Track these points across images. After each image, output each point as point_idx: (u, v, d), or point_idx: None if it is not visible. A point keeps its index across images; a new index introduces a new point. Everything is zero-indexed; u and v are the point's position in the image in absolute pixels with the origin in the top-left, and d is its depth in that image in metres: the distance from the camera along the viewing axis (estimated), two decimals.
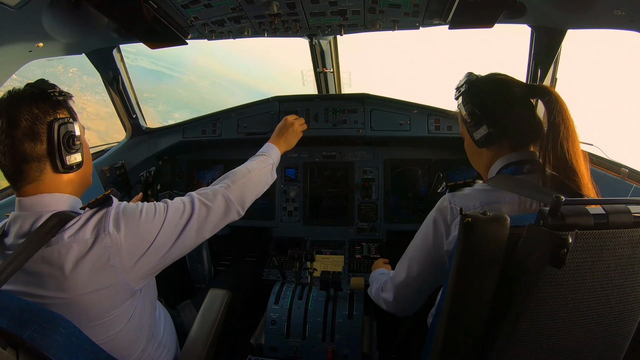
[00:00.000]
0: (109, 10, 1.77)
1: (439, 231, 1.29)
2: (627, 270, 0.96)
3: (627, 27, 1.61)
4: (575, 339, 1.01)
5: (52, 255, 1.19)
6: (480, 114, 1.33)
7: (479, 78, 1.42)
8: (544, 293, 0.92)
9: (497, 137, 1.32)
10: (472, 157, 1.50)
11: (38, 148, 1.24)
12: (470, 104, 1.36)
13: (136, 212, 1.33)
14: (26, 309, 1.05)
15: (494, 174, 1.34)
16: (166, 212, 1.40)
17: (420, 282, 1.43)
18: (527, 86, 1.37)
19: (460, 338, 1.02)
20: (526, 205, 1.22)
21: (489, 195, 1.23)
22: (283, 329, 1.95)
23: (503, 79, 1.38)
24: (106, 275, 1.24)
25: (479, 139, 1.35)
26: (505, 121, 1.32)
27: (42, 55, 1.93)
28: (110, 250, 1.24)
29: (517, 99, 1.32)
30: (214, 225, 1.55)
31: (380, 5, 1.87)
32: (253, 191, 1.76)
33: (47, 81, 1.34)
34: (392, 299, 1.55)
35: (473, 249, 0.92)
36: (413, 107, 2.65)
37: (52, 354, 1.00)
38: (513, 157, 1.32)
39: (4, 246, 1.25)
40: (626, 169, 2.01)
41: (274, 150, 2.01)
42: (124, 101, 2.71)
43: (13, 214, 1.29)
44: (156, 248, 1.34)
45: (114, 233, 1.25)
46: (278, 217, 2.92)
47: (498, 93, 1.34)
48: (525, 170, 1.28)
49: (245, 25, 2.09)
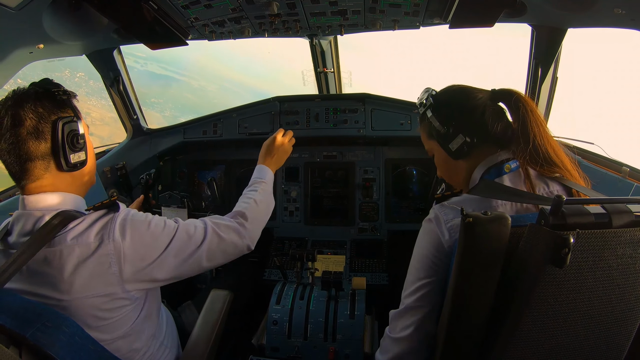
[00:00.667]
0: (110, 11, 1.78)
1: (434, 240, 1.22)
2: (628, 270, 0.96)
3: (627, 25, 1.61)
4: (576, 339, 1.00)
5: (54, 256, 1.19)
6: (454, 124, 1.32)
7: (440, 91, 1.41)
8: (545, 293, 0.92)
9: (475, 145, 1.31)
10: (447, 172, 1.46)
11: (42, 146, 1.24)
12: (440, 116, 1.35)
13: (144, 224, 1.32)
14: (29, 308, 1.05)
15: (476, 182, 1.32)
16: (175, 231, 1.38)
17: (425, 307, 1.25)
18: (490, 91, 1.36)
19: (461, 338, 1.02)
20: (518, 206, 1.20)
21: (480, 202, 1.21)
22: (284, 329, 1.96)
23: (465, 88, 1.38)
24: (104, 282, 1.23)
25: (456, 150, 1.33)
26: (478, 127, 1.31)
27: (42, 57, 1.93)
28: (112, 258, 1.23)
29: (484, 104, 1.32)
30: (220, 259, 1.51)
31: (381, 5, 1.87)
32: (262, 224, 1.72)
33: (52, 80, 1.35)
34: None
35: (474, 249, 0.92)
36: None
37: (55, 353, 1.00)
38: (491, 160, 1.30)
39: (7, 244, 1.26)
40: (627, 167, 2.01)
41: (268, 174, 1.89)
42: (124, 102, 2.72)
43: (17, 213, 1.29)
44: (159, 265, 1.33)
45: (118, 240, 1.24)
46: (279, 217, 2.92)
47: (466, 101, 1.34)
48: (505, 169, 1.27)
49: (245, 25, 2.09)
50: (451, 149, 1.34)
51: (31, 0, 1.46)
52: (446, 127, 1.34)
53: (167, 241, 1.35)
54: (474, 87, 1.38)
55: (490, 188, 1.22)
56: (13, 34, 1.66)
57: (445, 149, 1.36)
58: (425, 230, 1.26)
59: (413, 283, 1.25)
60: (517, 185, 1.23)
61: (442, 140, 1.36)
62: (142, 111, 2.92)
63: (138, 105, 2.85)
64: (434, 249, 1.20)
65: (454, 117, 1.33)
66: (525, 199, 1.16)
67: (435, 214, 1.23)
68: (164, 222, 1.38)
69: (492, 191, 1.20)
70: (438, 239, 1.20)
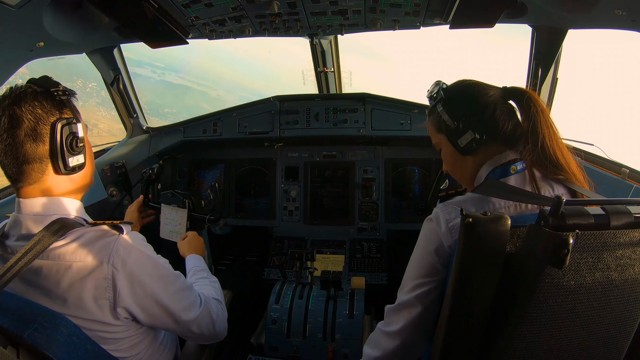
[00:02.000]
0: (110, 10, 1.77)
1: (434, 240, 1.22)
2: (627, 271, 0.96)
3: (627, 27, 1.61)
4: (575, 339, 1.00)
5: (50, 270, 1.17)
6: (464, 120, 1.31)
7: (451, 85, 1.40)
8: (544, 293, 0.92)
9: (484, 142, 1.30)
10: (454, 167, 1.45)
11: (40, 149, 1.21)
12: (451, 110, 1.34)
13: (151, 259, 1.32)
14: (26, 309, 1.04)
15: (481, 180, 1.31)
16: (182, 287, 1.40)
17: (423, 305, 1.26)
18: (501, 89, 1.35)
19: (461, 338, 1.02)
20: (521, 207, 1.20)
21: (483, 202, 1.21)
22: (284, 328, 1.96)
23: (477, 84, 1.36)
24: (100, 306, 1.21)
25: (465, 146, 1.32)
26: (488, 125, 1.30)
27: (42, 55, 1.93)
28: (108, 283, 1.20)
29: (496, 102, 1.30)
30: (201, 334, 1.52)
31: (381, 4, 1.86)
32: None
33: (51, 78, 1.29)
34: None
35: (474, 250, 0.92)
36: (414, 107, 2.65)
37: (53, 353, 0.99)
38: (498, 159, 1.29)
39: (4, 248, 1.24)
40: (627, 169, 2.01)
41: (199, 260, 1.91)
42: (124, 101, 2.71)
43: (13, 216, 1.26)
44: (155, 305, 1.32)
45: (117, 267, 1.21)
46: (279, 217, 2.92)
47: (477, 97, 1.32)
48: (511, 170, 1.26)
49: (246, 24, 2.09)
50: (460, 144, 1.33)
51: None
52: (456, 122, 1.32)
53: (164, 286, 1.34)
54: (485, 83, 1.36)
55: (495, 187, 1.21)
56: (13, 32, 1.66)
57: (453, 144, 1.34)
58: (426, 230, 1.26)
59: (410, 281, 1.26)
60: (522, 187, 1.22)
61: (451, 135, 1.34)
62: (142, 110, 2.91)
63: (138, 103, 2.85)
64: (434, 250, 1.20)
65: (464, 113, 1.31)
66: (529, 198, 1.15)
67: (437, 214, 1.23)
68: (170, 267, 1.39)
69: (496, 190, 1.20)
70: (438, 239, 1.20)
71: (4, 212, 1.36)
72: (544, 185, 1.23)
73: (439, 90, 1.38)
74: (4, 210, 1.80)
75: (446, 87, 1.39)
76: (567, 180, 1.23)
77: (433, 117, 1.41)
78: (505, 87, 1.33)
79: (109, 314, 1.23)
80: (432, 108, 1.41)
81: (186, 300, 1.41)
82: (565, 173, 1.23)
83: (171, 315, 1.37)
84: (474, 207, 1.20)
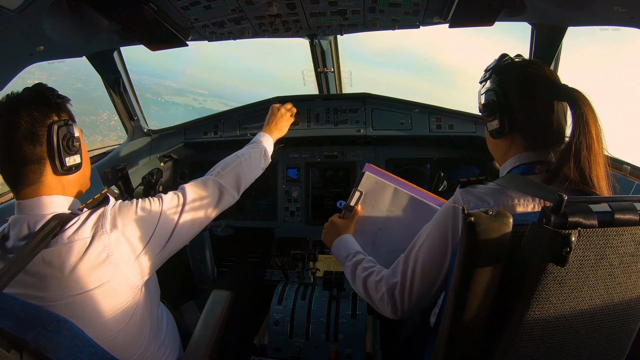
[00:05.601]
0: (110, 13, 1.78)
1: (443, 234, 1.22)
2: (630, 268, 0.96)
3: (627, 23, 1.61)
4: (578, 337, 1.00)
5: (52, 256, 1.20)
6: (496, 104, 1.27)
7: (511, 63, 1.33)
8: (547, 291, 0.92)
9: (510, 133, 1.27)
10: (489, 145, 1.43)
11: (37, 150, 1.25)
12: (491, 90, 1.29)
13: (132, 209, 1.37)
14: (29, 312, 1.05)
15: (505, 172, 1.29)
16: (161, 204, 1.45)
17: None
18: (555, 85, 1.24)
19: (464, 337, 1.02)
20: (541, 204, 1.16)
21: (502, 195, 1.17)
22: (286, 329, 1.96)
23: (531, 72, 1.27)
24: (106, 272, 1.25)
25: (491, 131, 1.31)
26: (520, 117, 1.25)
27: (43, 59, 1.93)
28: (110, 248, 1.25)
29: (539, 96, 1.24)
30: (208, 212, 1.60)
31: (381, 4, 1.86)
32: (246, 175, 1.83)
33: (45, 85, 1.36)
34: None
35: (476, 248, 0.92)
36: (414, 106, 2.65)
37: (56, 356, 1.00)
38: (525, 157, 1.26)
39: (5, 249, 1.26)
40: (628, 165, 2.00)
41: (264, 137, 2.11)
42: (125, 103, 2.72)
43: (13, 217, 1.29)
44: (155, 241, 1.38)
45: (112, 230, 1.27)
46: (280, 218, 2.92)
47: (522, 85, 1.25)
48: (536, 170, 1.22)
49: (245, 26, 2.09)
50: (487, 128, 1.34)
51: (31, 2, 1.46)
52: (487, 105, 1.31)
53: (156, 218, 1.41)
54: (543, 74, 1.27)
55: (515, 180, 1.19)
56: (13, 36, 1.66)
57: (500, 122, 1.29)
58: (440, 218, 1.25)
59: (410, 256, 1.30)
60: None
61: (483, 116, 1.35)
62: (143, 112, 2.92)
63: (138, 106, 2.85)
64: (439, 242, 1.22)
65: (499, 97, 1.27)
66: (548, 193, 1.10)
67: (455, 201, 1.22)
68: (148, 201, 1.44)
69: (517, 183, 1.17)
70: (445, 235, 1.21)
71: (3, 217, 1.38)
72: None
73: (495, 65, 1.35)
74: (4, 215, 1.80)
75: (505, 64, 1.34)
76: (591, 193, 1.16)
77: (487, 88, 1.36)
78: (565, 85, 1.24)
79: (117, 274, 1.28)
80: (483, 82, 1.38)
81: (175, 211, 1.50)
82: (592, 189, 1.15)
83: (176, 226, 1.47)
84: (492, 198, 1.17)
